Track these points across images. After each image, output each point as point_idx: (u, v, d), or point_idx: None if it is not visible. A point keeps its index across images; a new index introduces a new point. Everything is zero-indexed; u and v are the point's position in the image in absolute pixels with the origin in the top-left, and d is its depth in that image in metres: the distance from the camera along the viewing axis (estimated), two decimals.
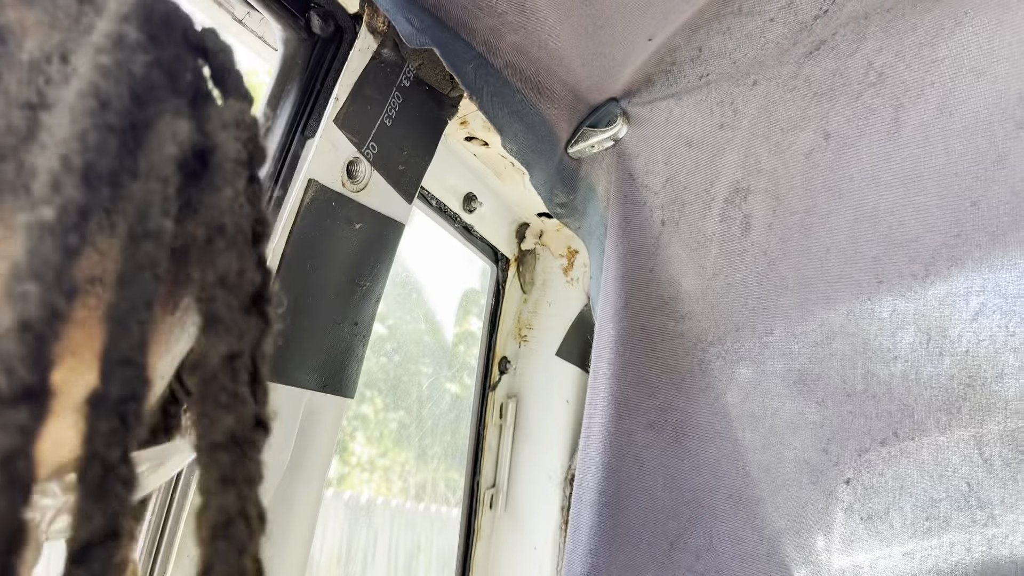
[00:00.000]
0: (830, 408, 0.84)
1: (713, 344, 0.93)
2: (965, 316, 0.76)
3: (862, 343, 0.82)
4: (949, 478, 0.76)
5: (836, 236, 0.85)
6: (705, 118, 0.96)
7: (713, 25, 0.96)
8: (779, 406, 0.87)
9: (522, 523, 1.47)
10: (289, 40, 0.91)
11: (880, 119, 0.83)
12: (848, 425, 0.82)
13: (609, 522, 0.92)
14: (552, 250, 1.54)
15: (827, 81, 0.87)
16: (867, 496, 0.81)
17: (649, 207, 1.01)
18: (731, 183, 0.94)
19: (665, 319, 0.97)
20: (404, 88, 0.96)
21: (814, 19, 0.89)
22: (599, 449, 0.95)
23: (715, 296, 0.94)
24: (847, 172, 0.85)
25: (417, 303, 2.22)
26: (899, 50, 0.81)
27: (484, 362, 1.48)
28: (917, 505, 0.78)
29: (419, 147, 1.00)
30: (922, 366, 0.78)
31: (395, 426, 3.14)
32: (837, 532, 0.82)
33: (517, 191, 1.39)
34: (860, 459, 0.81)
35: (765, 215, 0.91)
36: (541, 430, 1.48)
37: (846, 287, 0.84)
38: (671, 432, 0.93)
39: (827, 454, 0.83)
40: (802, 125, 0.88)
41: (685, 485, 0.91)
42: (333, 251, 0.91)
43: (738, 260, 0.93)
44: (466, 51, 0.92)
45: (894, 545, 0.78)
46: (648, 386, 0.95)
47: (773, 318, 0.89)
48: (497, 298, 1.50)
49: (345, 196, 0.91)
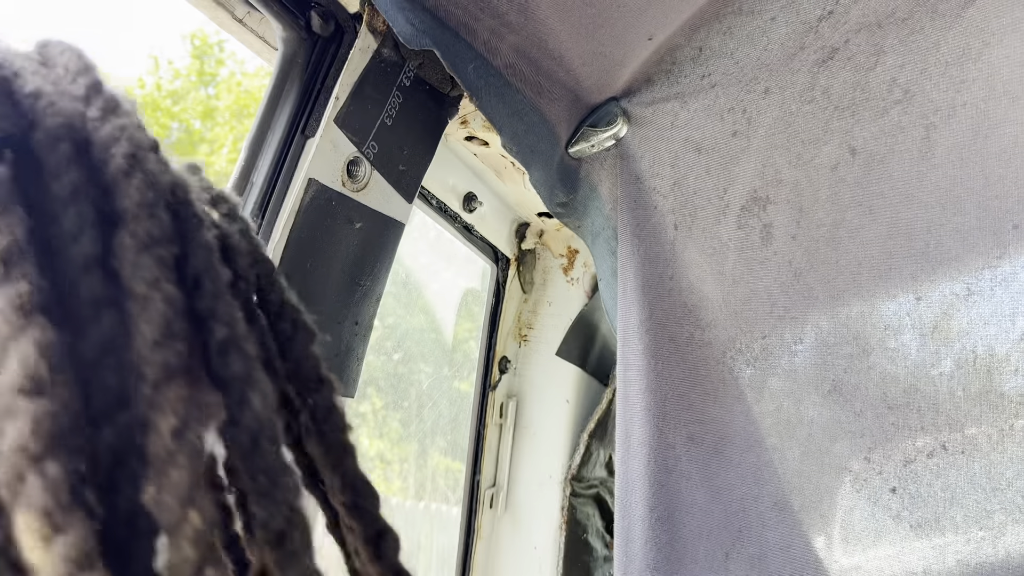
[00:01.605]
0: (869, 419, 0.84)
1: (741, 352, 0.94)
2: (1013, 336, 0.77)
3: (903, 358, 0.83)
4: (1004, 491, 0.77)
5: (868, 251, 0.86)
6: (715, 124, 0.96)
7: (713, 25, 0.96)
8: (815, 415, 0.88)
9: (522, 523, 1.47)
10: (289, 39, 0.91)
11: (910, 138, 0.83)
12: (891, 436, 0.83)
13: (665, 537, 0.93)
14: (552, 250, 1.54)
15: (848, 95, 0.87)
16: (915, 505, 0.81)
17: (660, 211, 1.01)
18: (748, 191, 0.94)
19: (692, 328, 0.97)
20: (404, 88, 0.96)
21: (819, 20, 0.89)
22: (643, 464, 0.95)
23: (737, 303, 0.95)
24: (877, 188, 0.85)
25: (417, 302, 2.22)
26: (924, 68, 0.82)
27: (484, 362, 1.48)
28: (970, 516, 0.78)
29: (419, 147, 1.00)
30: (970, 383, 0.79)
31: (396, 424, 3.14)
32: (887, 539, 0.83)
33: (517, 191, 1.39)
34: (905, 469, 0.82)
35: (788, 226, 0.91)
36: (541, 430, 1.48)
37: (882, 303, 0.85)
38: (711, 443, 0.94)
39: (869, 463, 0.84)
40: (825, 139, 0.89)
41: (731, 496, 0.92)
42: (333, 251, 0.91)
43: (760, 268, 0.93)
44: (467, 51, 0.92)
45: (948, 553, 0.79)
46: (684, 398, 0.96)
47: (802, 328, 0.90)
48: (497, 298, 1.50)
49: (345, 196, 0.91)
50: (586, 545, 1.51)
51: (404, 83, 0.96)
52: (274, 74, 0.91)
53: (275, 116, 0.90)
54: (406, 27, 0.86)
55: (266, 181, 0.87)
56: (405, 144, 0.98)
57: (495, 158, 1.29)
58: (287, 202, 0.86)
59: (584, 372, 1.53)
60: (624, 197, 1.05)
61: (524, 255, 1.53)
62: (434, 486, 2.92)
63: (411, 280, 2.04)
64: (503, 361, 1.50)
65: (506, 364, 1.50)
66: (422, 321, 2.21)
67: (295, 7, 0.89)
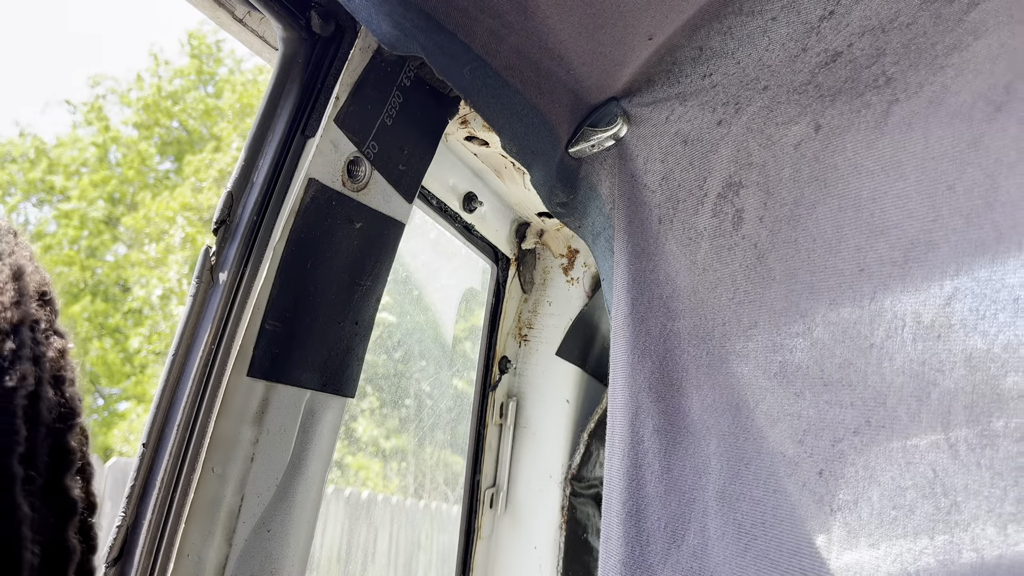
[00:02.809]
0: (807, 399, 0.83)
1: (703, 340, 0.93)
2: (939, 301, 0.75)
3: (841, 332, 0.82)
4: (916, 465, 0.75)
5: (822, 226, 0.85)
6: (707, 115, 0.96)
7: (714, 25, 0.96)
8: (760, 399, 0.87)
9: (522, 523, 1.47)
10: (289, 39, 0.91)
11: (873, 112, 0.83)
12: (824, 416, 0.82)
13: (634, 531, 0.93)
14: (552, 250, 1.54)
15: (836, 86, 0.87)
16: (838, 487, 0.80)
17: (648, 207, 1.01)
18: (724, 178, 0.94)
19: (664, 319, 0.97)
20: (405, 87, 0.96)
21: (820, 20, 0.89)
22: (620, 459, 0.95)
23: (705, 291, 0.94)
24: (832, 161, 0.85)
25: (417, 301, 2.22)
26: (914, 62, 0.82)
27: (484, 361, 1.48)
28: (885, 494, 0.77)
29: (420, 146, 1.00)
30: (896, 353, 0.77)
31: (396, 423, 3.14)
32: (810, 524, 0.81)
33: (517, 191, 1.39)
34: (833, 449, 0.81)
35: (756, 208, 0.90)
36: (541, 430, 1.48)
37: (829, 277, 0.83)
38: (672, 435, 0.93)
39: (802, 445, 0.83)
40: (796, 119, 0.89)
41: (686, 486, 0.91)
42: (333, 250, 0.91)
43: (728, 254, 0.92)
44: (464, 53, 0.92)
45: (860, 536, 0.77)
46: (654, 390, 0.95)
47: (758, 311, 0.89)
48: (498, 297, 1.50)
49: (345, 195, 0.91)
50: (586, 545, 1.51)
51: (404, 83, 0.96)
52: (274, 74, 0.91)
53: (275, 116, 0.90)
54: (392, 32, 0.84)
55: (266, 181, 0.87)
56: (405, 144, 0.98)
57: (495, 158, 1.29)
58: (287, 202, 0.86)
59: (584, 372, 1.53)
60: (621, 196, 1.06)
61: (524, 255, 1.53)
62: (434, 484, 2.92)
63: (411, 280, 2.04)
64: (503, 361, 1.50)
65: (506, 364, 1.50)
66: (423, 320, 2.21)
67: (295, 7, 0.89)
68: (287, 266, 0.85)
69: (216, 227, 0.86)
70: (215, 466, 0.81)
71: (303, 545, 0.91)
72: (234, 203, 0.87)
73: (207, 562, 0.81)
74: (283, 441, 0.88)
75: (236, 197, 0.87)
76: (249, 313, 0.83)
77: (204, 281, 0.85)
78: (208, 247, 0.86)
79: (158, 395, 0.83)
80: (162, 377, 0.83)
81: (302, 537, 0.91)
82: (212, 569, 0.82)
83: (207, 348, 0.83)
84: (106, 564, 0.80)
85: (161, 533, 0.80)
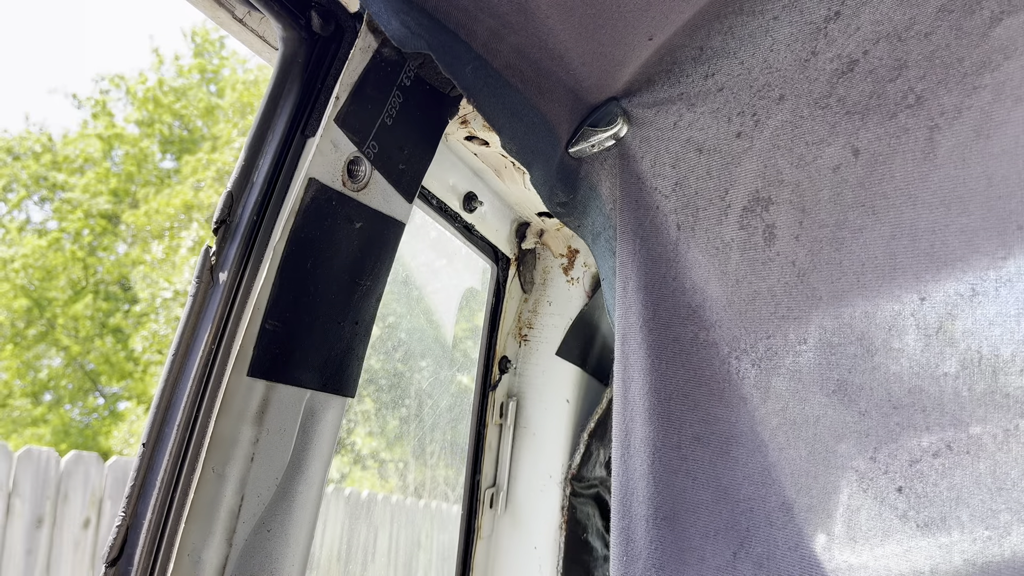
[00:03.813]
0: (874, 419, 0.85)
1: (746, 352, 0.95)
2: (1018, 337, 0.78)
3: (908, 359, 0.84)
4: (1009, 491, 0.78)
5: (872, 251, 0.86)
6: (721, 126, 0.97)
7: (714, 25, 0.96)
8: (820, 414, 0.89)
9: (522, 523, 1.47)
10: (289, 39, 0.91)
11: (914, 139, 0.84)
12: (896, 437, 0.84)
13: (670, 536, 0.94)
14: (552, 249, 1.54)
15: (862, 102, 0.88)
16: (922, 504, 0.82)
17: (662, 212, 1.01)
18: (750, 192, 0.95)
19: (696, 328, 0.98)
20: (405, 87, 0.96)
21: (826, 21, 0.89)
22: (646, 463, 0.96)
23: (741, 303, 0.95)
24: (880, 189, 0.86)
25: (418, 301, 2.22)
26: (943, 78, 0.83)
27: (484, 361, 1.48)
28: (975, 515, 0.79)
29: (420, 146, 1.00)
30: (975, 384, 0.80)
31: (396, 423, 3.14)
32: (894, 538, 0.83)
33: (517, 190, 1.39)
34: (911, 468, 0.83)
35: (791, 226, 0.92)
36: (541, 430, 1.48)
37: (887, 303, 0.85)
38: (717, 444, 0.95)
39: (875, 462, 0.85)
40: (829, 140, 0.90)
41: (738, 496, 0.93)
42: (333, 250, 0.91)
43: (763, 269, 0.94)
44: (465, 52, 0.92)
45: (954, 552, 0.80)
46: (689, 398, 0.97)
47: (806, 328, 0.91)
48: (498, 297, 1.50)
49: (345, 195, 0.91)
50: (586, 545, 1.51)
51: (404, 83, 0.96)
52: (274, 74, 0.91)
53: (275, 116, 0.90)
54: (400, 30, 0.86)
55: (266, 181, 0.87)
56: (405, 144, 0.98)
57: (495, 158, 1.29)
58: (287, 202, 0.86)
59: (584, 372, 1.53)
60: (624, 197, 1.06)
61: (524, 255, 1.53)
62: (434, 483, 2.92)
63: (411, 280, 2.04)
64: (503, 361, 1.50)
65: (506, 364, 1.50)
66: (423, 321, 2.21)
67: (295, 7, 0.89)
68: (287, 266, 0.86)
69: (216, 227, 0.86)
70: (215, 466, 0.82)
71: (303, 545, 0.91)
72: (234, 203, 0.87)
73: (207, 562, 0.81)
74: (283, 441, 0.88)
75: (236, 197, 0.87)
76: (249, 313, 0.83)
77: (204, 281, 0.85)
78: (208, 247, 0.86)
79: (158, 395, 0.83)
80: (162, 377, 0.83)
81: (302, 537, 0.91)
82: (212, 569, 0.82)
83: (207, 348, 0.83)
84: (106, 564, 0.80)
85: (161, 533, 0.80)
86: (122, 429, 9.54)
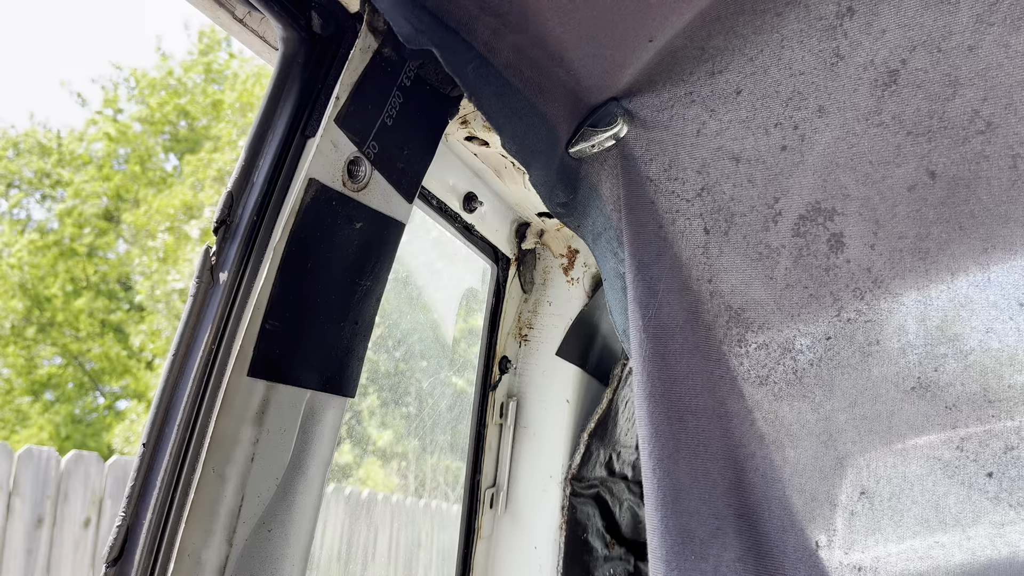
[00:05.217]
0: (964, 412, 0.90)
1: (803, 352, 0.98)
2: None
3: (1008, 358, 0.89)
4: None
5: (961, 262, 0.90)
6: (759, 138, 0.99)
7: (715, 26, 0.96)
8: (895, 409, 0.93)
9: (522, 523, 1.47)
10: (290, 39, 0.91)
11: (996, 166, 0.88)
12: (991, 428, 0.88)
13: (747, 530, 0.97)
14: (552, 250, 1.54)
15: (923, 123, 0.91)
16: (1015, 487, 0.87)
17: (685, 216, 1.03)
18: (807, 203, 0.98)
19: (743, 330, 1.01)
20: (405, 87, 0.96)
21: (838, 17, 0.90)
22: (704, 463, 0.98)
23: (793, 306, 0.99)
24: (967, 209, 0.90)
25: (418, 301, 2.22)
26: (1008, 103, 0.86)
27: (484, 362, 1.48)
28: None
29: (420, 146, 1.00)
30: None
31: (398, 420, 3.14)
32: (987, 519, 0.88)
33: (517, 191, 1.39)
34: (1006, 455, 0.87)
35: (864, 236, 0.95)
36: (541, 430, 1.48)
37: (983, 309, 0.90)
38: (782, 440, 0.98)
39: (962, 451, 0.90)
40: (897, 161, 0.93)
41: (815, 489, 0.96)
42: (334, 250, 0.91)
43: (826, 275, 0.97)
44: (467, 51, 0.92)
45: None
46: (748, 397, 1.00)
47: (880, 330, 0.95)
48: (498, 297, 1.50)
49: (346, 195, 0.91)
50: (586, 545, 1.51)
51: (404, 83, 0.96)
52: (274, 74, 0.91)
53: (275, 116, 0.90)
54: (405, 27, 0.86)
55: (266, 181, 0.87)
56: (406, 144, 0.98)
57: (495, 158, 1.29)
58: (287, 202, 0.87)
59: (584, 372, 1.53)
60: (631, 197, 1.06)
61: (524, 255, 1.53)
62: (434, 483, 2.92)
63: (411, 280, 2.04)
64: (503, 361, 1.50)
65: (506, 364, 1.50)
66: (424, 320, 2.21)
67: (295, 7, 0.89)
68: (287, 266, 0.86)
69: (216, 227, 0.86)
70: (215, 466, 0.82)
71: (303, 545, 0.91)
72: (234, 203, 0.87)
73: (207, 562, 0.81)
74: (283, 441, 0.88)
75: (236, 197, 0.87)
76: (249, 313, 0.83)
77: (204, 281, 0.85)
78: (208, 247, 0.86)
79: (158, 395, 0.83)
80: (162, 377, 0.83)
81: (302, 537, 0.91)
82: (212, 569, 0.82)
83: (207, 348, 0.83)
84: (106, 564, 0.80)
85: (161, 533, 0.80)
86: (123, 428, 9.54)
